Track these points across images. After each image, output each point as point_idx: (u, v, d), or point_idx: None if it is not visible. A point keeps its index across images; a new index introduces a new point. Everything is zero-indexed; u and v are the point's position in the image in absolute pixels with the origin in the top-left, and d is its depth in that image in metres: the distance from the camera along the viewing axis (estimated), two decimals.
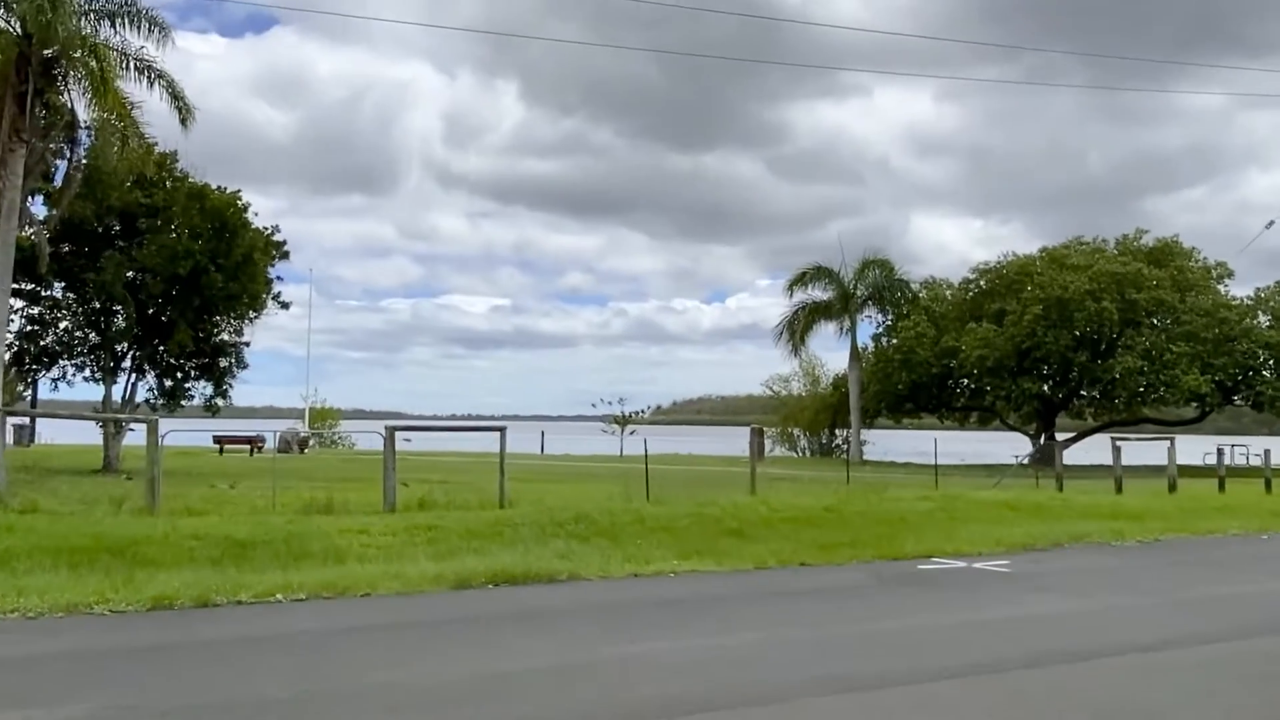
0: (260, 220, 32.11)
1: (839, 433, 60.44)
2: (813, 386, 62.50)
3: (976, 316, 51.44)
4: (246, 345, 33.19)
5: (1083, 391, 51.86)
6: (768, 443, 55.88)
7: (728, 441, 63.30)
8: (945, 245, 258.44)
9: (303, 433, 51.33)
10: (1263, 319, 49.12)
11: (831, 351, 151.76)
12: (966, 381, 53.43)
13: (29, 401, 39.02)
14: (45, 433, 49.83)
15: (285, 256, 33.32)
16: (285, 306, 34.18)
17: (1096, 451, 48.73)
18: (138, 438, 24.98)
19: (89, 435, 38.64)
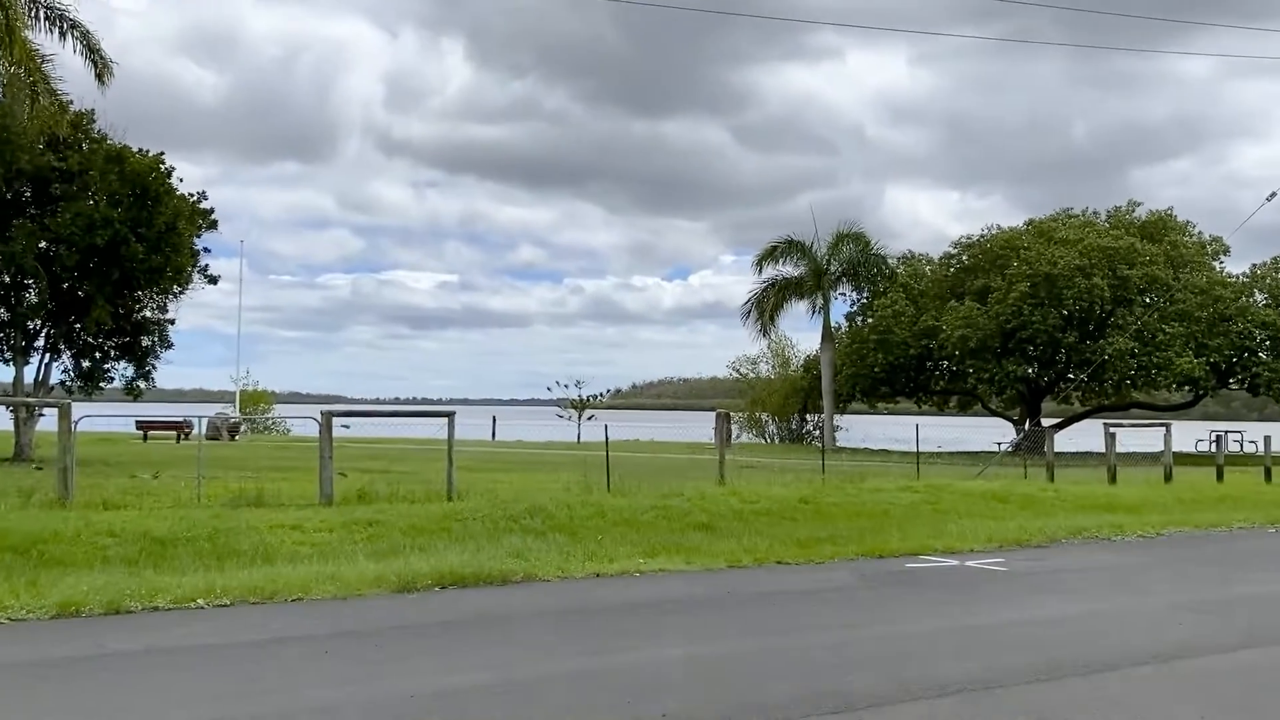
0: (187, 187, 31.45)
1: (810, 418, 60.31)
2: (782, 369, 62.20)
3: (958, 294, 51.12)
4: (171, 323, 32.72)
5: (1070, 374, 51.84)
6: (734, 428, 55.59)
7: (691, 427, 63.35)
8: (921, 219, 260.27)
9: (233, 418, 50.57)
10: (1259, 297, 49.11)
11: (803, 332, 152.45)
12: (947, 363, 52.86)
13: None
14: None
15: (213, 226, 32.64)
16: (213, 281, 33.61)
17: (1083, 438, 48.93)
18: (53, 423, 24.30)
19: None
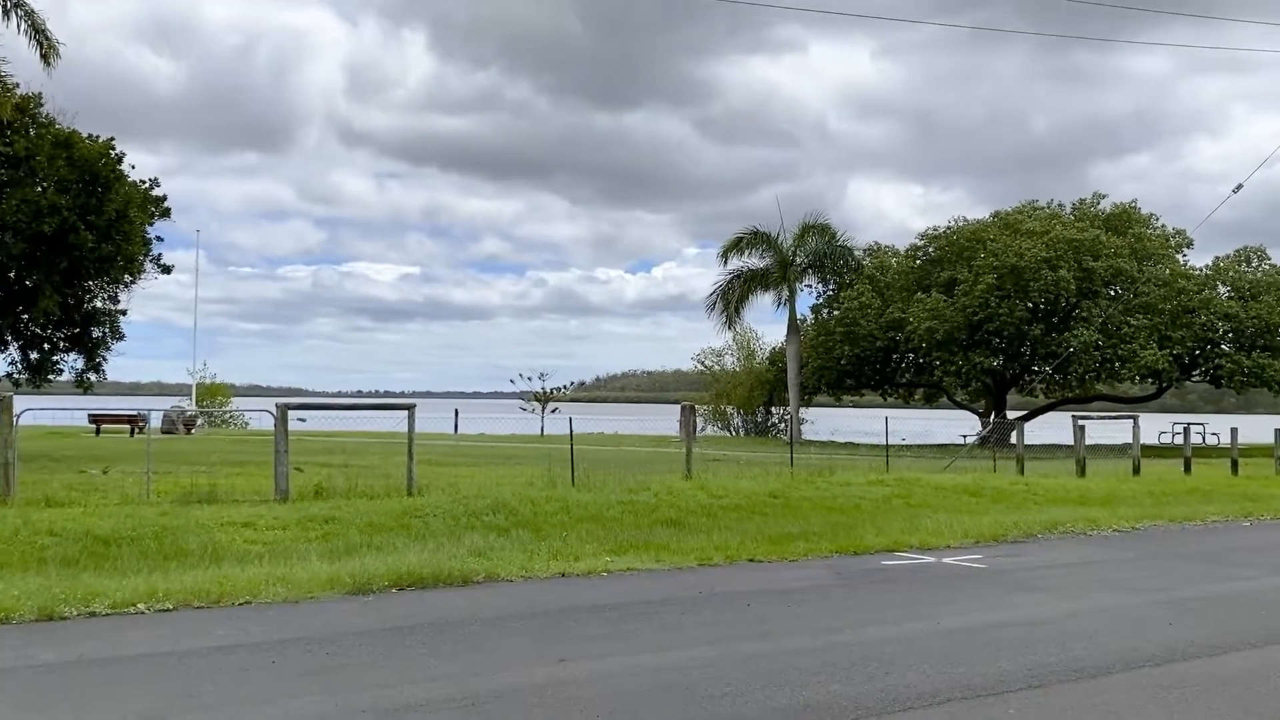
0: (143, 176, 30.76)
1: (775, 410, 60.04)
2: (748, 361, 61.84)
3: (925, 286, 51.00)
4: (123, 314, 32.19)
5: (1035, 367, 51.78)
6: (699, 421, 55.23)
7: (656, 420, 63.00)
8: (884, 212, 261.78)
9: (190, 411, 49.64)
10: (1222, 290, 49.28)
11: (768, 324, 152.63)
12: (913, 356, 52.67)
13: None
14: None
15: (166, 214, 31.97)
16: (167, 270, 32.97)
17: (1047, 430, 48.94)
18: None
19: None
